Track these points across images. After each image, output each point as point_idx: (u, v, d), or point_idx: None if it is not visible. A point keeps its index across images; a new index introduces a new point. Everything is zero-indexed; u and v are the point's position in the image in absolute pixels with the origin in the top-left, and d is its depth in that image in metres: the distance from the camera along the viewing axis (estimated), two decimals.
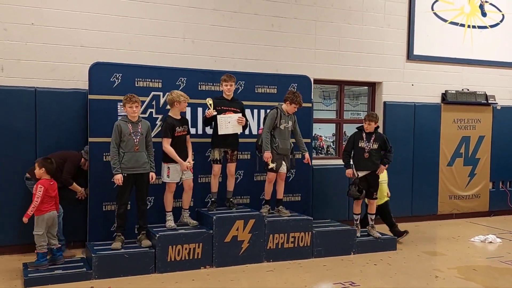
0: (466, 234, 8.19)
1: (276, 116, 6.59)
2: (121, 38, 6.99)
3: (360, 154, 6.98)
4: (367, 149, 6.94)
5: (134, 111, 5.94)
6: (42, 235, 5.58)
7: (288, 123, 6.68)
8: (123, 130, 5.93)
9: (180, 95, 6.22)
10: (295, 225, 6.59)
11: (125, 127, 5.95)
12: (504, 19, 9.80)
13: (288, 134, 6.71)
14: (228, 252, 6.18)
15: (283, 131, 6.65)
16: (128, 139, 5.92)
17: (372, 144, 6.96)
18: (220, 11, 7.58)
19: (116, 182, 5.90)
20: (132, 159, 5.93)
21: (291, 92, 6.72)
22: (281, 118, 6.61)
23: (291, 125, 6.73)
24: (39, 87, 6.53)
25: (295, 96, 6.63)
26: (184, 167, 6.17)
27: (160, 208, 6.45)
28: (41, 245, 5.58)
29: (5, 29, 6.44)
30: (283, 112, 6.65)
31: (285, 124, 6.65)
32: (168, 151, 6.16)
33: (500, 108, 9.71)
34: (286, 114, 6.67)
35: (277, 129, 6.61)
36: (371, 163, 6.97)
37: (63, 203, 6.21)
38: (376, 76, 8.80)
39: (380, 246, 7.01)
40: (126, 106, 5.96)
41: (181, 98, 6.21)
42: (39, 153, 6.45)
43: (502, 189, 9.84)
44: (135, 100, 5.94)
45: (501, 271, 6.27)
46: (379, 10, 8.73)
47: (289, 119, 6.70)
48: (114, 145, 5.92)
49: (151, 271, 5.84)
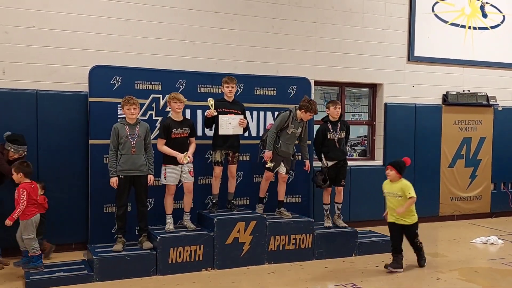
0: (468, 235, 8.17)
1: (287, 120, 6.60)
2: (122, 40, 7.00)
3: (331, 145, 6.92)
4: (336, 139, 6.89)
5: (132, 113, 5.95)
6: (32, 238, 5.62)
7: (297, 129, 6.69)
8: (120, 132, 5.94)
9: (169, 96, 6.23)
10: (296, 226, 6.59)
11: (122, 130, 5.96)
12: (505, 20, 9.80)
13: (293, 139, 6.73)
14: (229, 254, 6.18)
15: (290, 135, 6.66)
16: (125, 141, 5.93)
17: (339, 133, 6.92)
18: (220, 13, 7.59)
19: (111, 184, 5.93)
20: (129, 161, 5.94)
21: (306, 100, 6.65)
22: (291, 122, 6.62)
23: (299, 132, 6.73)
24: (40, 89, 6.55)
25: (310, 104, 6.59)
26: (180, 158, 6.12)
27: (161, 210, 6.44)
28: (34, 248, 5.61)
29: (6, 32, 6.46)
30: (296, 117, 6.65)
31: (294, 129, 6.66)
32: (162, 150, 6.19)
33: (501, 109, 9.70)
34: (297, 120, 6.67)
35: (284, 132, 6.63)
36: (341, 152, 6.95)
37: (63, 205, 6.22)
38: (377, 78, 8.80)
39: (382, 248, 6.99)
40: (124, 108, 5.98)
41: (170, 97, 6.21)
42: (40, 155, 6.48)
43: (504, 190, 9.82)
44: (133, 102, 5.95)
45: (503, 273, 6.25)
46: (379, 12, 8.74)
47: (299, 125, 6.70)
48: (112, 148, 5.95)
49: (153, 273, 5.84)
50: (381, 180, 8.72)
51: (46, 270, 5.62)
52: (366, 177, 8.53)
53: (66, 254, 6.46)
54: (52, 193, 6.52)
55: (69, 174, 6.63)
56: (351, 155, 9.32)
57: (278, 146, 6.61)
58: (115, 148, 5.95)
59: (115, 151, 5.96)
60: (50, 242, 6.33)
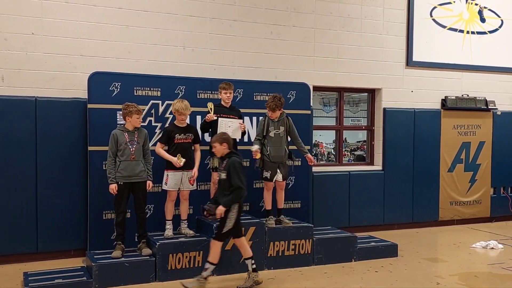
0: (467, 240, 8.16)
1: (264, 123, 6.52)
2: (121, 47, 7.02)
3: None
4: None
5: (140, 121, 6.08)
6: None
7: (278, 128, 6.53)
8: (119, 139, 5.96)
9: (173, 107, 6.27)
10: (295, 232, 6.58)
11: (121, 136, 5.98)
12: (503, 25, 9.82)
13: (280, 141, 6.55)
14: (229, 260, 6.16)
15: (274, 138, 6.51)
16: (124, 148, 5.95)
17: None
18: (219, 20, 7.61)
19: (111, 191, 5.93)
20: (128, 167, 5.95)
21: (271, 97, 6.58)
22: (269, 125, 6.51)
23: (282, 131, 6.58)
24: (39, 96, 6.56)
25: (269, 100, 6.48)
26: (174, 162, 6.11)
27: (161, 216, 6.44)
28: None
29: (5, 39, 6.48)
30: (270, 118, 6.56)
31: (275, 130, 6.52)
32: (159, 153, 6.22)
33: (500, 114, 9.71)
34: (274, 120, 6.55)
35: (268, 137, 6.52)
36: None
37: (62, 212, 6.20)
38: (375, 83, 8.82)
39: (381, 253, 6.99)
40: (133, 116, 5.98)
41: (173, 110, 6.26)
42: (40, 162, 6.48)
43: (503, 194, 9.81)
44: (141, 110, 6.07)
45: (503, 278, 6.24)
46: (378, 17, 8.76)
47: (279, 125, 6.55)
48: (110, 155, 5.96)
49: (152, 279, 5.83)
50: (380, 185, 8.80)
51: (45, 276, 5.61)
52: (365, 182, 8.53)
53: (65, 261, 6.44)
54: (51, 199, 6.53)
55: (68, 181, 6.62)
56: (350, 160, 9.35)
57: (268, 154, 6.49)
58: (113, 154, 5.97)
59: (113, 157, 5.97)
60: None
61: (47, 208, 6.53)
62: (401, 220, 8.85)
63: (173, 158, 6.14)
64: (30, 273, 5.75)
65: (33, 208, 6.48)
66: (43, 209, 6.52)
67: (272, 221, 6.57)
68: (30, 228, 6.48)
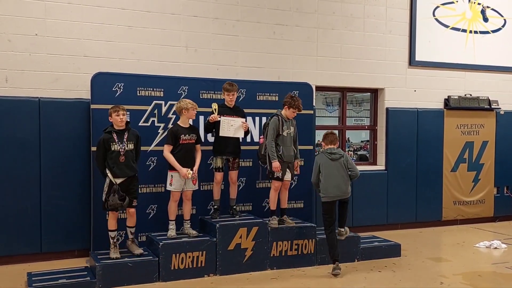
0: (471, 240, 8.15)
1: (278, 124, 6.49)
2: (124, 47, 7.04)
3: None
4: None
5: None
6: None
7: (290, 128, 6.57)
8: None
9: (188, 103, 6.27)
10: (298, 232, 6.59)
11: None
12: (506, 24, 9.80)
13: (290, 140, 6.60)
14: (232, 260, 6.18)
15: (286, 137, 6.54)
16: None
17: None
18: (222, 20, 7.62)
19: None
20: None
21: (289, 96, 6.59)
22: (283, 125, 6.52)
23: (293, 131, 6.64)
24: (42, 97, 6.58)
25: (293, 100, 6.49)
26: (183, 174, 6.14)
27: (164, 217, 6.45)
28: None
29: (9, 40, 6.50)
30: (284, 118, 6.56)
31: (288, 130, 6.55)
32: (167, 157, 6.19)
33: (503, 113, 9.69)
34: (286, 120, 6.58)
35: (280, 136, 6.51)
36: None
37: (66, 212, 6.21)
38: (378, 83, 8.81)
39: (384, 253, 6.99)
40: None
41: (188, 105, 6.24)
42: (43, 162, 6.50)
43: (507, 194, 9.79)
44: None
45: (507, 277, 6.23)
46: (380, 17, 8.76)
47: (290, 125, 6.60)
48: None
49: (155, 279, 5.85)
50: (383, 185, 8.79)
51: (49, 277, 5.62)
52: (368, 182, 8.51)
53: (68, 261, 6.46)
54: (55, 200, 6.55)
55: (71, 181, 6.65)
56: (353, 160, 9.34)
57: (281, 153, 6.50)
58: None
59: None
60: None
61: (51, 209, 6.55)
62: (404, 220, 8.84)
63: (183, 169, 6.10)
64: (34, 273, 5.76)
65: (37, 209, 6.51)
66: (47, 210, 6.54)
67: (275, 221, 6.58)
68: (34, 229, 6.50)
